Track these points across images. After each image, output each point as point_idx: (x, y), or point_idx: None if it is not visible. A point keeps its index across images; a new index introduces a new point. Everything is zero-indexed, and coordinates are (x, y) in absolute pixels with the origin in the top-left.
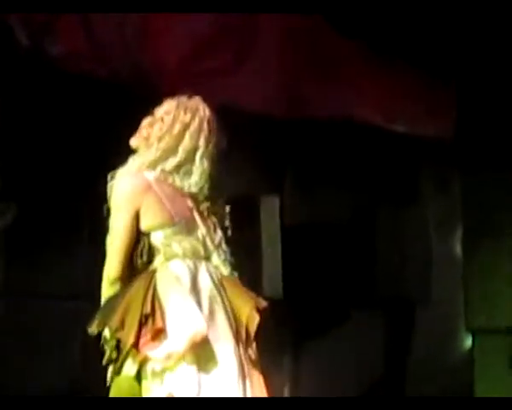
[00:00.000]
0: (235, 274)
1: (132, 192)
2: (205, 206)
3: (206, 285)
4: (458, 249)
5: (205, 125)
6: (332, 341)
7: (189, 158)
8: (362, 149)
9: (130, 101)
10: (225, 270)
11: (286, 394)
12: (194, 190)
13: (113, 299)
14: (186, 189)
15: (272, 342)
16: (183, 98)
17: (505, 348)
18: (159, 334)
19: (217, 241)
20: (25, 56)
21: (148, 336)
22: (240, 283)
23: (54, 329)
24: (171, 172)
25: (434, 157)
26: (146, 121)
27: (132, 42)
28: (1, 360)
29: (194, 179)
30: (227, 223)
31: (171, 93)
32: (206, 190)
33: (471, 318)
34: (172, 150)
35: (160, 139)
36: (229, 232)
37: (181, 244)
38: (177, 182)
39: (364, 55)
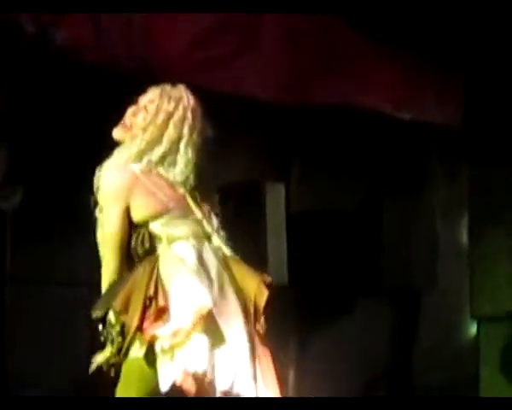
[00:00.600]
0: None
1: (120, 187)
2: (195, 193)
3: (212, 263)
4: (464, 238)
5: (189, 114)
6: (338, 329)
7: (174, 148)
8: (369, 138)
9: (134, 90)
10: (227, 251)
11: (291, 381)
12: (179, 179)
13: (117, 283)
14: (172, 178)
15: (277, 329)
16: (167, 87)
17: (510, 336)
18: (161, 314)
19: (214, 225)
20: (30, 45)
21: (152, 317)
22: (243, 262)
23: (55, 315)
24: (156, 163)
25: (442, 146)
26: (130, 110)
27: (136, 31)
28: (3, 345)
29: (180, 168)
30: (217, 211)
31: (176, 82)
32: (191, 180)
33: (476, 306)
34: (157, 140)
35: (144, 130)
36: (220, 220)
37: (180, 228)
38: (163, 172)
39: (373, 44)
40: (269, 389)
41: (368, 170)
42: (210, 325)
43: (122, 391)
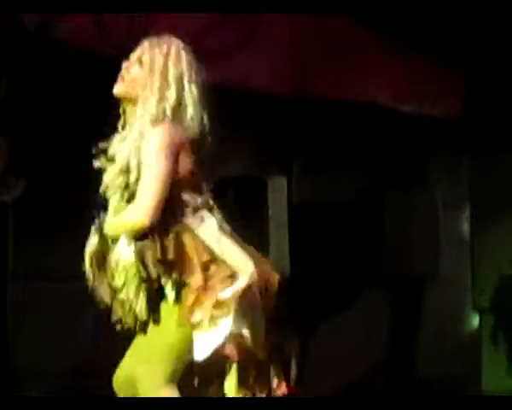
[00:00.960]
0: None
1: (171, 140)
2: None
3: (228, 233)
4: (466, 228)
5: (182, 53)
6: (340, 319)
7: (180, 87)
8: (371, 130)
9: None
10: (227, 226)
11: (293, 374)
12: (190, 125)
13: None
14: (188, 126)
15: (279, 321)
16: (153, 38)
17: None
18: (229, 279)
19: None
20: (31, 35)
21: (217, 282)
22: None
23: (58, 310)
24: (174, 110)
25: (444, 138)
26: (123, 66)
27: (138, 21)
28: (9, 338)
29: (190, 113)
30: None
31: None
32: (202, 130)
33: (478, 296)
34: (165, 85)
35: (151, 78)
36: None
37: (198, 197)
38: (183, 123)
39: (375, 37)
40: None
41: (369, 162)
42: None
43: (153, 362)
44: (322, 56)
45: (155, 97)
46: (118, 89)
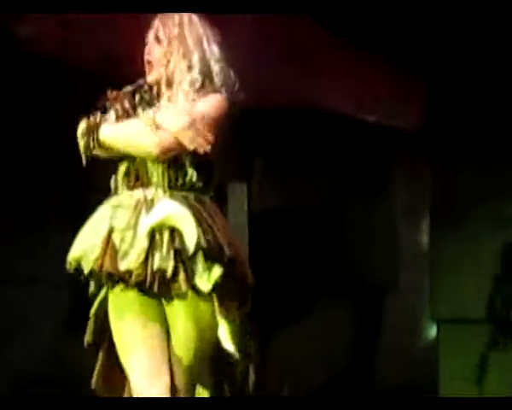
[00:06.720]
0: None
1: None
2: None
3: None
4: (426, 238)
5: (195, 19)
6: (300, 327)
7: (201, 50)
8: (332, 137)
9: (99, 86)
10: None
11: (251, 379)
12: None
13: None
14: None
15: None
16: (162, 15)
17: (469, 339)
18: None
19: None
20: None
21: None
22: None
23: (15, 316)
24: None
25: (404, 146)
26: (145, 53)
27: (102, 26)
28: None
29: (216, 71)
30: None
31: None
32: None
33: (436, 307)
34: (188, 52)
35: (173, 51)
36: None
37: None
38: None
39: (336, 43)
40: None
41: (330, 170)
42: None
43: None
44: (285, 63)
45: (184, 66)
46: (150, 77)
